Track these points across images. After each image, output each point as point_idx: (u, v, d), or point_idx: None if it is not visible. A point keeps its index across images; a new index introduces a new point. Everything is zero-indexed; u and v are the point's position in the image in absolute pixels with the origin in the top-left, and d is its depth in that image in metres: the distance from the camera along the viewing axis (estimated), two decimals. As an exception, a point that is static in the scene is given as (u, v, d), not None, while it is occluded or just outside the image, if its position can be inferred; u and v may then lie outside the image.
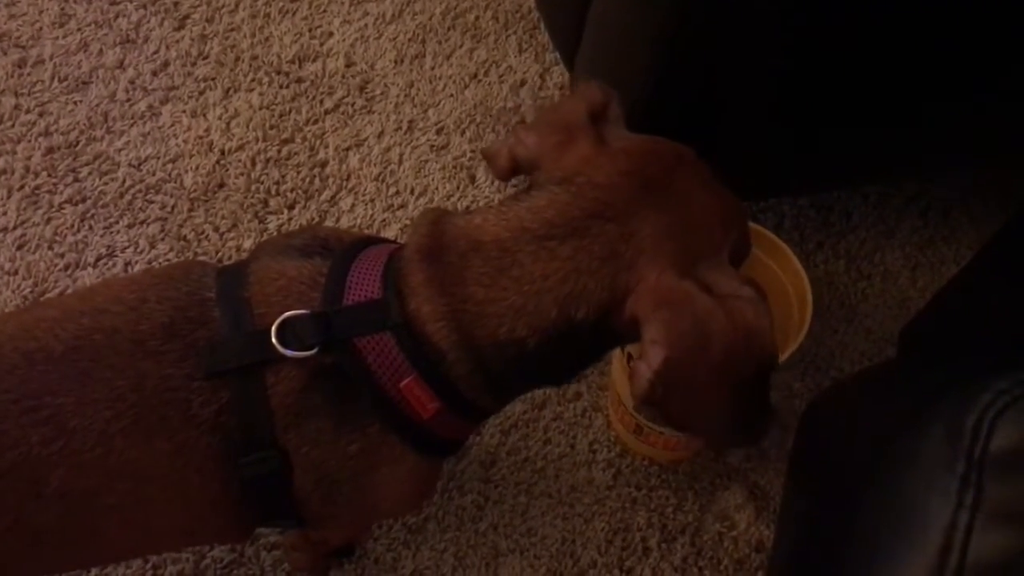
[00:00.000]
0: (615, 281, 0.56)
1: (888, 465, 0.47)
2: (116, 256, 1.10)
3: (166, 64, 1.24)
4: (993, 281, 0.71)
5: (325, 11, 1.30)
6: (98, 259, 1.09)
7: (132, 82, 1.22)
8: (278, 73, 1.23)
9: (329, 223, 1.13)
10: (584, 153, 0.60)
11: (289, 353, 0.57)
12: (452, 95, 1.24)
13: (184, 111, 1.20)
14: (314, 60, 1.25)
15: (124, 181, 1.14)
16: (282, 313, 0.59)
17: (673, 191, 0.59)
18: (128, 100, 1.21)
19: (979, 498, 0.41)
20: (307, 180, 1.16)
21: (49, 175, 1.14)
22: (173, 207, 1.13)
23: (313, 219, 1.13)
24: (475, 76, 1.25)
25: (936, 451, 0.43)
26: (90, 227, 1.11)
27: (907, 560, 0.42)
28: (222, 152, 1.17)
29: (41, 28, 1.25)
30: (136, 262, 1.10)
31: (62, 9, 1.27)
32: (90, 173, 1.15)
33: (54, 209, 1.12)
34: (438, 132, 1.20)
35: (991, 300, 0.70)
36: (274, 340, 0.58)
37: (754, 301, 0.56)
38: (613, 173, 0.58)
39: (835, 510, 0.50)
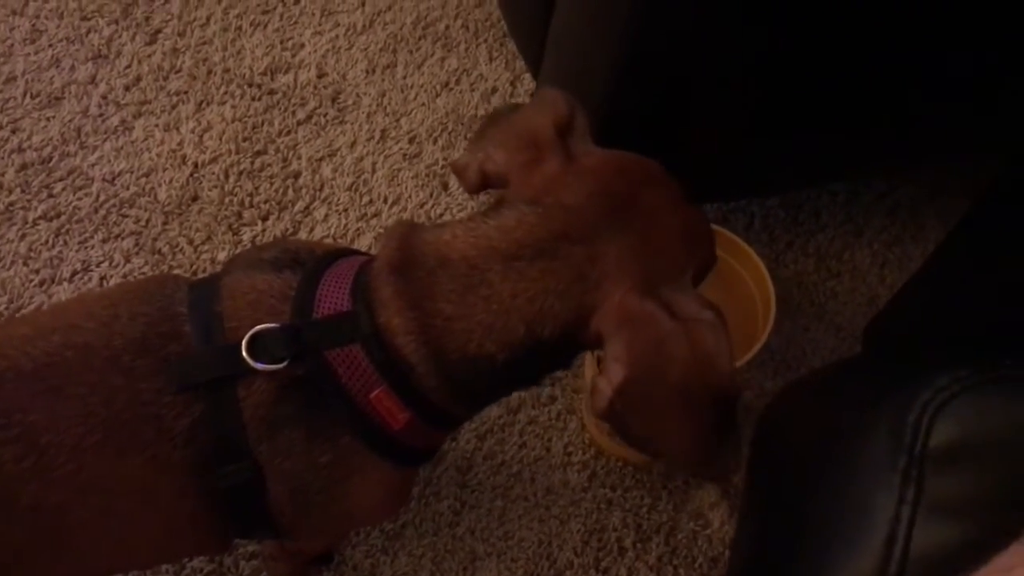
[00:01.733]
0: (581, 301, 0.57)
1: (839, 461, 0.48)
2: (91, 271, 1.10)
3: (138, 79, 1.24)
4: (948, 278, 0.73)
5: (296, 23, 1.31)
6: (73, 274, 1.10)
7: (104, 97, 1.23)
8: (250, 85, 1.24)
9: (303, 234, 1.14)
10: (552, 172, 0.61)
11: (259, 366, 0.58)
12: (424, 104, 1.25)
13: (157, 125, 1.21)
14: (286, 72, 1.26)
15: (98, 196, 1.15)
16: (253, 327, 0.59)
17: (639, 212, 0.60)
18: (101, 115, 1.21)
19: (920, 493, 0.42)
20: (280, 191, 1.16)
21: (23, 191, 1.15)
22: (147, 221, 1.14)
23: (287, 230, 1.14)
24: (446, 85, 1.26)
25: (881, 448, 0.45)
26: (65, 242, 1.12)
27: (855, 553, 0.43)
28: (195, 165, 1.18)
29: (12, 45, 1.26)
30: (111, 276, 1.10)
31: (33, 25, 1.28)
32: (64, 189, 1.15)
33: (28, 225, 1.13)
34: (410, 141, 1.21)
35: (947, 296, 0.72)
36: (244, 353, 0.58)
37: (714, 326, 0.57)
38: (580, 194, 0.59)
39: (789, 506, 0.52)
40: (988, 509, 0.42)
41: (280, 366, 0.58)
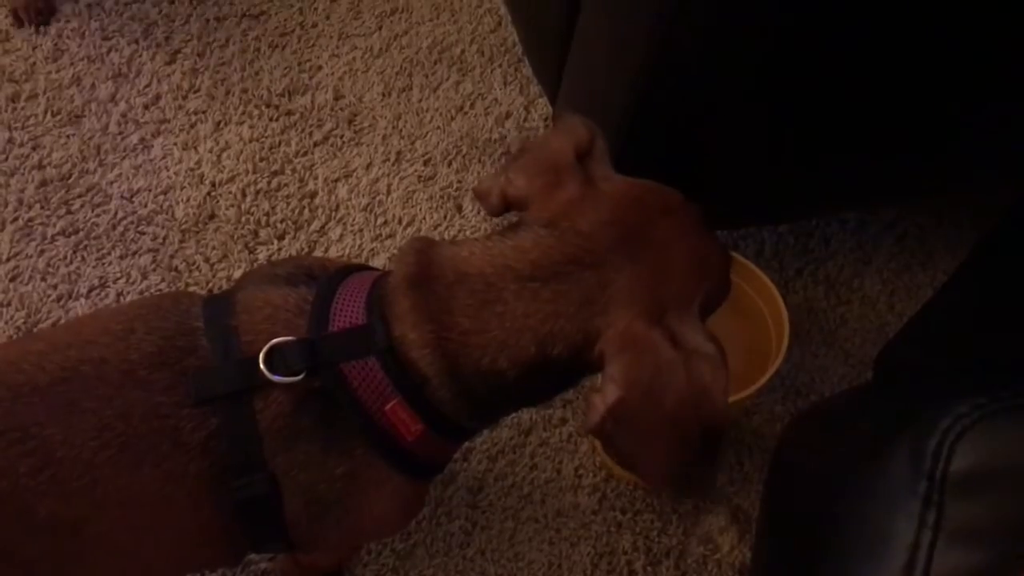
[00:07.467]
0: (589, 325, 0.59)
1: (857, 486, 0.48)
2: (108, 287, 1.11)
3: (158, 98, 1.26)
4: (961, 307, 0.73)
5: (314, 45, 1.32)
6: (91, 290, 1.11)
7: (124, 115, 1.24)
8: (268, 106, 1.26)
9: (318, 253, 1.15)
10: (570, 197, 0.62)
11: (276, 379, 0.59)
12: (439, 127, 1.26)
13: (175, 144, 1.22)
14: (303, 93, 1.27)
15: (116, 213, 1.16)
16: (269, 340, 0.60)
17: (652, 241, 0.61)
18: (120, 133, 1.23)
19: (940, 518, 0.42)
20: (297, 211, 1.17)
21: (42, 207, 1.16)
22: (164, 238, 1.15)
23: (302, 249, 1.15)
24: (461, 108, 1.28)
25: (901, 473, 0.45)
26: (83, 258, 1.13)
27: (873, 577, 0.43)
28: (213, 184, 1.19)
29: (35, 63, 1.28)
30: (128, 293, 1.11)
31: (55, 44, 1.30)
32: (83, 205, 1.16)
33: (47, 241, 1.14)
34: (425, 163, 1.23)
35: (960, 324, 0.72)
36: (262, 366, 0.59)
37: (714, 360, 0.58)
38: (596, 221, 0.61)
39: (807, 531, 0.52)
40: (1008, 535, 0.42)
41: (297, 379, 0.59)
